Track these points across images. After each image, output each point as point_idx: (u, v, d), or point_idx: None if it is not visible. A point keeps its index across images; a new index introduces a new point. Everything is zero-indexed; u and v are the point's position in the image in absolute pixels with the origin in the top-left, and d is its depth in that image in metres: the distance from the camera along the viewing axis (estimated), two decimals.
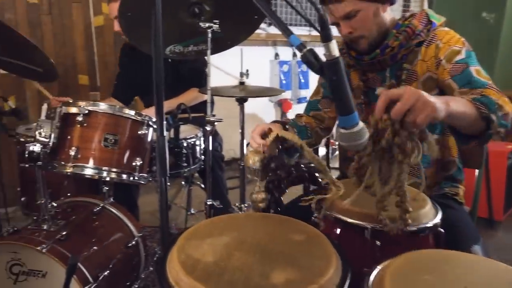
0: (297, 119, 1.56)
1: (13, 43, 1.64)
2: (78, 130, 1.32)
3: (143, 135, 1.43)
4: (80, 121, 1.31)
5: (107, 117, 1.36)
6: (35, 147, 1.28)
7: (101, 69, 3.05)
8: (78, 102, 1.34)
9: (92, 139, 1.33)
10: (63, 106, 1.32)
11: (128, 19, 1.38)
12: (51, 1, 2.79)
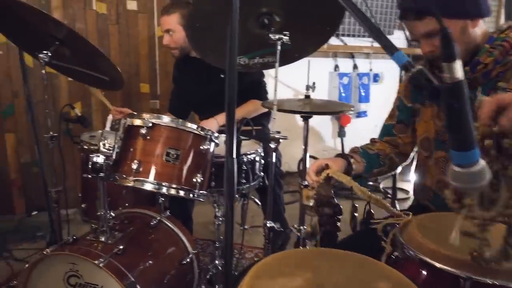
0: (370, 146, 1.43)
1: (82, 52, 1.67)
2: (141, 143, 1.29)
3: (205, 151, 1.37)
4: (143, 134, 1.27)
5: (170, 131, 1.32)
6: (99, 158, 1.26)
7: (162, 78, 3.09)
8: (142, 114, 1.31)
9: (154, 153, 1.29)
10: (127, 118, 1.29)
11: (196, 30, 1.33)
12: (118, 12, 2.88)
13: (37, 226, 2.67)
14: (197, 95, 2.21)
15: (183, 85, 2.29)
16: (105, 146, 1.27)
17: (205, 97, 2.19)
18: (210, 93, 2.16)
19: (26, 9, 1.48)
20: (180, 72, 2.31)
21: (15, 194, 2.83)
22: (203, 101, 2.22)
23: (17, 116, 2.74)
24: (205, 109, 2.25)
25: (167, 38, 2.03)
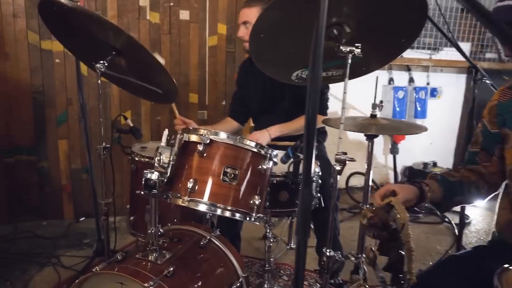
0: (452, 173, 1.26)
1: (138, 62, 1.64)
2: (197, 160, 1.21)
3: (264, 170, 1.27)
4: (200, 151, 1.19)
5: (227, 148, 1.23)
6: (153, 175, 1.19)
7: (211, 88, 3.05)
8: (199, 130, 1.23)
9: (211, 171, 1.20)
10: (184, 134, 1.22)
11: (260, 41, 1.24)
12: (171, 21, 2.88)
13: (84, 232, 2.69)
14: (258, 101, 2.14)
15: (246, 87, 2.22)
16: (160, 162, 1.20)
17: (264, 104, 2.13)
18: (270, 100, 2.09)
19: (87, 17, 1.47)
20: (245, 74, 2.24)
21: (65, 199, 2.87)
22: (262, 108, 2.15)
23: (70, 123, 2.79)
24: (261, 116, 2.19)
25: (243, 30, 1.97)
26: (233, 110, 2.29)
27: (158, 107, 2.94)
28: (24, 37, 2.63)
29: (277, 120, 2.00)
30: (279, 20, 1.15)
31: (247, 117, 2.31)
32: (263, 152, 1.26)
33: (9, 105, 2.66)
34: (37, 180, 2.79)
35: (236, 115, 2.26)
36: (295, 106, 2.02)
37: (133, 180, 1.84)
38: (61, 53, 2.70)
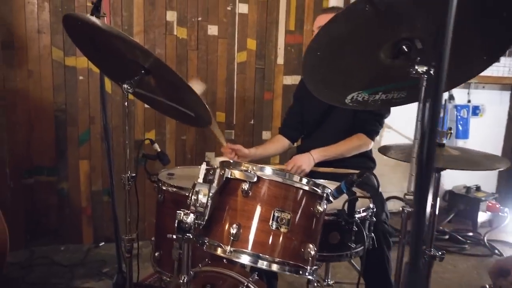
0: None
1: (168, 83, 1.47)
2: (242, 201, 1.02)
3: (320, 214, 1.07)
4: (245, 190, 1.00)
5: (277, 187, 1.03)
6: (188, 218, 1.01)
7: (239, 106, 2.88)
8: (243, 164, 1.04)
9: (258, 215, 1.00)
10: (225, 169, 1.03)
11: (315, 59, 1.05)
12: (199, 37, 2.75)
13: (104, 260, 2.53)
14: (316, 116, 1.97)
15: (304, 100, 2.05)
16: (196, 202, 1.01)
17: (321, 121, 1.95)
18: (328, 118, 1.92)
19: (115, 37, 1.32)
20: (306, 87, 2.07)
21: (84, 223, 2.73)
22: (318, 125, 1.98)
23: (92, 142, 2.66)
24: (314, 134, 2.01)
25: None
26: (286, 125, 2.13)
27: (184, 126, 2.78)
28: (48, 54, 2.53)
29: (331, 139, 1.82)
30: (341, 36, 0.97)
31: (299, 134, 2.13)
32: (319, 191, 1.06)
33: (31, 124, 2.55)
34: (57, 202, 2.66)
35: (288, 132, 2.09)
36: (350, 126, 1.84)
37: (159, 211, 1.66)
38: (85, 70, 2.59)
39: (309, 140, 2.05)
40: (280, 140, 2.11)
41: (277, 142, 2.11)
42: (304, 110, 2.06)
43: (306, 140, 2.10)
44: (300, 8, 2.91)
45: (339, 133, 1.89)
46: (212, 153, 2.86)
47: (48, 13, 2.50)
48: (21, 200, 2.57)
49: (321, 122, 1.98)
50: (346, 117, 1.88)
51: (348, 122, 1.88)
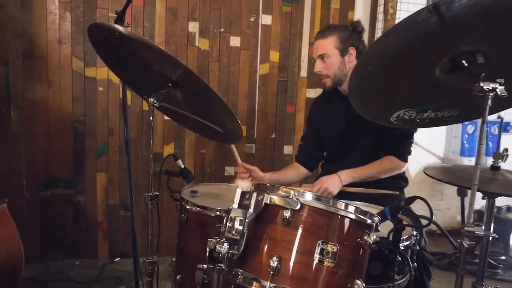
0: None
1: (196, 96, 1.40)
2: (282, 230, 0.92)
3: (367, 245, 0.96)
4: (287, 218, 0.90)
5: (322, 216, 0.93)
6: (222, 247, 0.91)
7: (260, 120, 2.80)
8: (282, 189, 0.94)
9: (301, 247, 0.90)
10: (264, 194, 0.93)
11: (364, 74, 0.95)
12: (221, 48, 2.68)
13: (119, 276, 2.44)
14: (336, 140, 1.86)
15: (321, 127, 1.94)
16: (232, 230, 0.91)
17: (344, 144, 1.84)
18: (351, 139, 1.80)
19: (144, 47, 1.25)
20: (320, 111, 1.97)
21: (100, 237, 2.65)
22: (340, 148, 1.86)
23: (110, 155, 2.60)
24: (336, 158, 1.89)
25: (319, 65, 1.74)
26: (302, 153, 2.01)
27: (203, 139, 2.71)
28: (69, 64, 2.49)
29: (355, 162, 1.71)
30: (397, 49, 0.87)
31: (318, 161, 2.02)
32: (369, 220, 0.95)
33: (49, 135, 2.50)
34: (73, 215, 2.59)
35: (305, 160, 1.97)
36: (376, 146, 1.73)
37: (181, 231, 1.56)
38: (105, 81, 2.54)
39: (332, 164, 1.93)
40: (297, 167, 2.00)
41: (294, 170, 1.99)
42: (322, 135, 1.95)
43: (329, 165, 1.97)
44: (325, 20, 2.83)
45: (364, 155, 1.77)
46: (232, 167, 2.77)
47: (69, 23, 2.47)
48: (37, 212, 2.51)
49: (342, 146, 1.85)
50: (370, 138, 1.76)
51: (373, 143, 1.77)
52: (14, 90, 2.41)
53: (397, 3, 2.58)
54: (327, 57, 1.71)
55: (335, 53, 1.71)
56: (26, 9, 2.39)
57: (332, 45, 1.70)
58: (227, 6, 2.66)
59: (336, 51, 1.71)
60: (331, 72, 1.72)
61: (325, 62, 1.72)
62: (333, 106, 1.86)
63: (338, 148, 1.87)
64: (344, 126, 1.81)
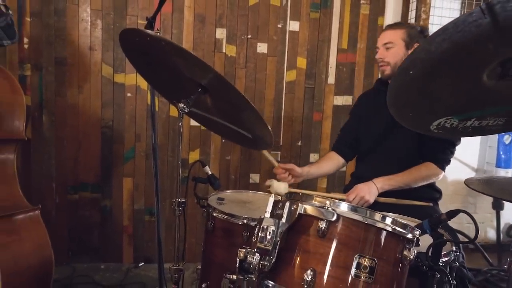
0: None
1: (226, 102, 1.38)
2: (317, 243, 0.87)
3: (407, 261, 0.90)
4: (322, 229, 0.86)
5: (359, 228, 0.88)
6: (254, 258, 0.87)
7: (286, 127, 2.76)
8: (316, 198, 0.90)
9: (337, 261, 0.85)
10: (298, 203, 0.89)
11: (406, 78, 0.91)
12: (248, 55, 2.67)
13: (143, 282, 2.44)
14: (371, 138, 1.84)
15: (362, 120, 1.93)
16: (264, 240, 0.88)
17: (378, 144, 1.81)
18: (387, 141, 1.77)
19: (172, 50, 1.24)
20: (365, 105, 1.98)
21: (125, 242, 2.66)
22: (373, 147, 1.83)
23: (136, 160, 2.62)
24: (366, 159, 1.87)
25: (382, 52, 1.76)
26: (341, 142, 2.00)
27: (229, 145, 2.69)
28: (99, 70, 2.53)
29: (389, 166, 1.66)
30: (443, 53, 0.82)
31: (354, 152, 1.99)
32: (410, 235, 0.89)
33: (78, 140, 2.54)
34: (99, 219, 2.62)
35: (342, 149, 1.97)
36: (413, 153, 1.68)
37: (208, 239, 1.54)
38: (133, 87, 2.58)
39: (364, 165, 1.90)
40: (333, 157, 1.98)
41: (331, 160, 1.98)
42: (360, 130, 1.93)
43: (360, 165, 1.95)
44: (354, 26, 2.78)
45: (398, 160, 1.73)
46: (257, 174, 2.74)
47: (100, 31, 2.52)
48: (66, 215, 2.55)
49: (377, 146, 1.82)
50: (408, 142, 1.71)
51: (410, 148, 1.72)
52: (46, 96, 2.48)
53: (430, 8, 2.50)
54: (392, 46, 1.73)
55: (401, 44, 1.73)
56: (59, 17, 2.46)
57: (400, 36, 1.73)
58: (254, 13, 2.65)
59: (402, 42, 1.73)
60: (393, 61, 1.73)
61: (389, 51, 1.74)
62: (378, 103, 1.82)
63: (371, 148, 1.83)
64: (383, 126, 1.78)
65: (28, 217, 1.63)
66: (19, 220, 1.60)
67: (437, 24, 2.56)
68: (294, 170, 1.76)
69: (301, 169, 1.79)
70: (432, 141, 1.64)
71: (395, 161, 1.73)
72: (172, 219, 1.57)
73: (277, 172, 1.76)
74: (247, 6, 2.65)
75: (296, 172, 1.76)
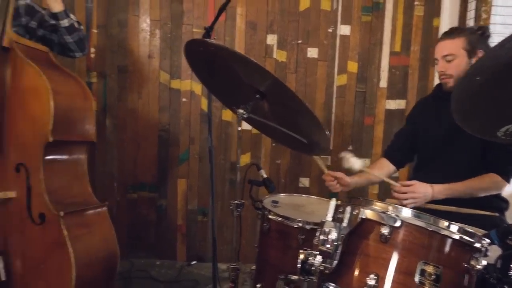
0: None
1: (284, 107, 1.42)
2: (379, 247, 0.89)
3: (475, 271, 0.89)
4: (385, 235, 0.87)
5: (423, 235, 0.88)
6: (315, 259, 0.90)
7: (337, 131, 2.75)
8: (376, 203, 0.92)
9: (400, 267, 0.86)
10: (360, 208, 0.91)
11: (471, 85, 0.90)
12: (298, 60, 2.71)
13: (196, 279, 2.54)
14: (431, 145, 1.79)
15: (420, 126, 1.87)
16: (326, 243, 0.90)
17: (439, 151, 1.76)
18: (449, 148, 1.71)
19: (233, 58, 1.31)
20: (423, 111, 1.92)
21: (179, 240, 2.79)
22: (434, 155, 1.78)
23: (190, 162, 2.74)
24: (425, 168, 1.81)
25: (443, 65, 1.69)
26: (393, 148, 1.95)
27: (279, 149, 2.73)
28: (156, 77, 2.68)
29: (451, 176, 1.61)
30: None
31: (407, 159, 1.96)
32: (478, 244, 0.88)
33: (138, 142, 2.70)
34: (155, 218, 2.76)
35: (395, 155, 1.93)
36: (476, 162, 1.62)
37: (263, 240, 1.59)
38: (188, 92, 2.70)
39: (422, 174, 1.80)
40: (384, 165, 1.94)
41: (382, 168, 1.94)
42: (418, 137, 1.87)
43: (418, 174, 1.85)
44: (407, 28, 2.72)
45: (459, 169, 1.66)
46: (307, 178, 2.76)
47: (158, 39, 2.66)
48: (125, 213, 2.72)
49: (438, 154, 1.76)
50: (470, 151, 1.64)
51: (472, 157, 1.65)
52: (109, 101, 2.66)
53: (491, 7, 2.39)
54: (453, 58, 1.66)
55: (463, 54, 1.66)
56: (121, 28, 2.64)
57: (460, 46, 1.65)
58: (305, 18, 2.68)
59: (464, 52, 1.65)
60: (455, 73, 1.67)
61: (450, 63, 1.67)
62: (438, 109, 1.78)
63: (431, 156, 1.77)
64: (444, 133, 1.72)
65: (97, 213, 1.77)
66: (90, 215, 1.74)
67: (500, 24, 2.43)
68: (343, 179, 1.75)
69: (350, 178, 1.78)
70: (497, 151, 1.56)
71: (456, 170, 1.66)
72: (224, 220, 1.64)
73: (326, 179, 1.76)
74: (297, 12, 2.68)
75: (345, 181, 1.76)
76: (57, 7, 1.78)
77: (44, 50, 1.79)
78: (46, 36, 1.90)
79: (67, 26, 1.82)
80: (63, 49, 1.92)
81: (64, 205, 1.60)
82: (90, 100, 1.82)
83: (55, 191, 1.62)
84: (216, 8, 2.62)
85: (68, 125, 1.69)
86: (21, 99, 1.63)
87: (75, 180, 1.77)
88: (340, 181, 1.77)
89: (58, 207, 1.57)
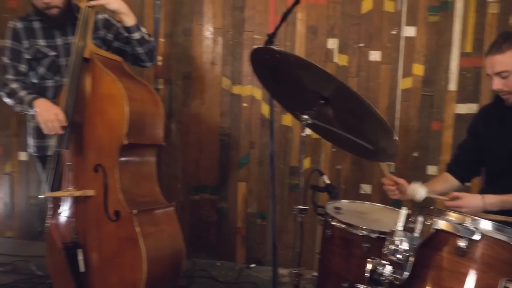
0: None
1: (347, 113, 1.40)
2: (455, 261, 0.84)
3: None
4: (462, 248, 0.83)
5: (504, 249, 0.83)
6: (385, 269, 0.88)
7: (401, 136, 2.64)
8: (450, 214, 0.87)
9: (481, 282, 0.81)
10: (433, 218, 0.88)
11: None
12: (360, 64, 2.65)
13: (255, 282, 2.57)
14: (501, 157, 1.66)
15: (485, 138, 1.75)
16: (396, 253, 0.88)
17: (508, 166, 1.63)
18: None
19: (298, 65, 1.32)
20: (487, 121, 1.78)
21: (238, 243, 2.84)
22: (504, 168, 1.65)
23: (250, 166, 2.79)
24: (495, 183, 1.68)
25: (498, 82, 1.56)
26: (457, 164, 1.83)
27: (340, 154, 2.69)
28: (218, 83, 2.77)
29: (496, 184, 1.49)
30: None
31: (472, 174, 1.82)
32: None
33: (200, 145, 2.81)
34: (216, 220, 2.85)
35: (458, 171, 1.80)
36: None
37: (326, 247, 1.58)
38: (248, 98, 2.75)
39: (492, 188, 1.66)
40: (448, 179, 1.82)
41: (445, 182, 1.81)
42: (485, 151, 1.73)
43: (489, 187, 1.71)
44: (479, 27, 2.55)
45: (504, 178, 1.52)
46: (368, 185, 2.68)
47: (221, 47, 2.75)
48: (187, 214, 2.84)
49: (509, 169, 1.62)
50: None
51: None
52: (175, 106, 2.80)
53: None
54: (508, 74, 1.51)
55: None
56: (187, 36, 2.77)
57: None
58: (367, 21, 2.62)
59: None
60: None
61: (507, 79, 1.52)
62: (504, 119, 1.65)
63: (503, 170, 1.64)
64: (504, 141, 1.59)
65: (165, 212, 1.87)
66: (159, 214, 1.84)
67: None
68: (403, 186, 1.65)
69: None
70: None
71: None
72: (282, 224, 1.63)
73: (385, 183, 1.68)
74: (359, 14, 2.63)
75: (405, 189, 1.66)
76: (129, 22, 1.91)
77: (119, 60, 1.94)
78: (121, 48, 2.05)
79: (138, 39, 1.95)
80: (135, 59, 2.06)
81: (136, 204, 1.71)
82: (159, 106, 1.93)
83: (128, 191, 1.74)
84: (277, 14, 2.66)
85: (141, 129, 1.81)
86: (99, 105, 1.77)
87: (145, 180, 1.89)
88: (399, 187, 1.68)
89: (132, 205, 1.68)
